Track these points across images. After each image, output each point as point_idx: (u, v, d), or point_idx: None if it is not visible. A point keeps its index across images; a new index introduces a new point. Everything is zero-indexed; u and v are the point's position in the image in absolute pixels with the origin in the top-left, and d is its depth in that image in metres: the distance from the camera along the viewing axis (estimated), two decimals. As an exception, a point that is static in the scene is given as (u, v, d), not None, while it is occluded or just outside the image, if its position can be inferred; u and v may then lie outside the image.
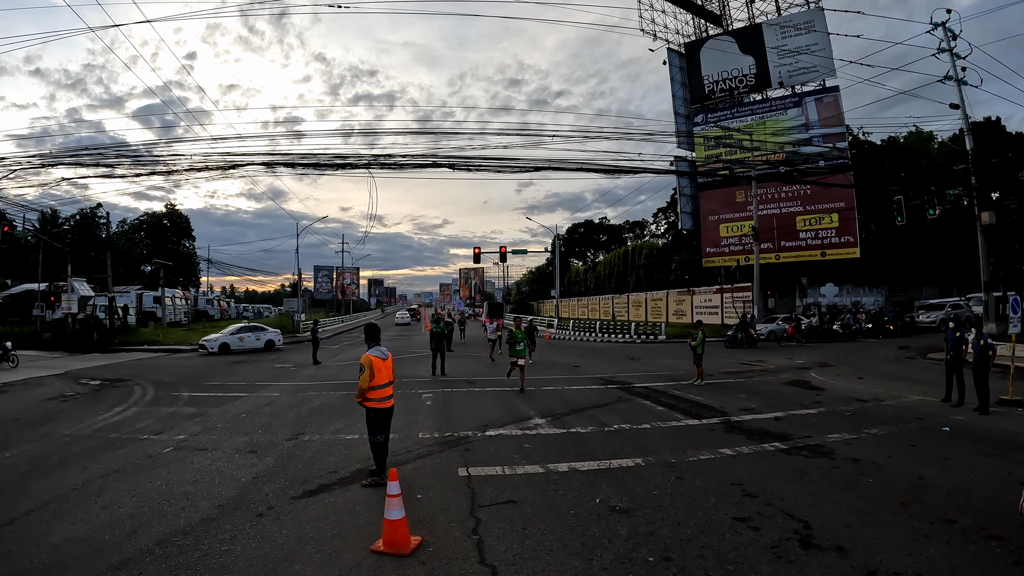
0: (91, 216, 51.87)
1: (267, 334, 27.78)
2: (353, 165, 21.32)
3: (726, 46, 37.22)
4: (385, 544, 4.50)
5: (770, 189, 35.16)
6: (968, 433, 8.47)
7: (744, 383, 14.40)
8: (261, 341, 27.25)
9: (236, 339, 26.56)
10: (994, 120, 36.91)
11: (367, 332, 6.61)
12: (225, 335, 26.87)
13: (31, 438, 9.00)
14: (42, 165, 23.18)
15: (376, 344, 6.46)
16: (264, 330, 28.16)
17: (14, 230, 30.09)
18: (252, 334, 27.33)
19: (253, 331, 27.66)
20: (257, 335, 27.43)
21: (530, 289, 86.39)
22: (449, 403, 11.78)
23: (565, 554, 4.41)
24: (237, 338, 26.63)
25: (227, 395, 13.41)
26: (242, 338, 26.74)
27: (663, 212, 61.32)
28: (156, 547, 4.64)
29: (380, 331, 6.78)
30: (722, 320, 35.45)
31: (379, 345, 6.48)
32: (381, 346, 6.50)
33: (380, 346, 6.48)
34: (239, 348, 26.30)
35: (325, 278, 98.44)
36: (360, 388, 6.22)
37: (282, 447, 8.15)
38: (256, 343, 27.07)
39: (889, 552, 4.35)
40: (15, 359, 20.35)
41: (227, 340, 26.31)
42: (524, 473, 6.66)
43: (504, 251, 42.56)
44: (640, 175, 35.32)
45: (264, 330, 28.16)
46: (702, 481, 6.23)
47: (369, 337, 6.55)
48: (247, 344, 26.67)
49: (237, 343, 26.40)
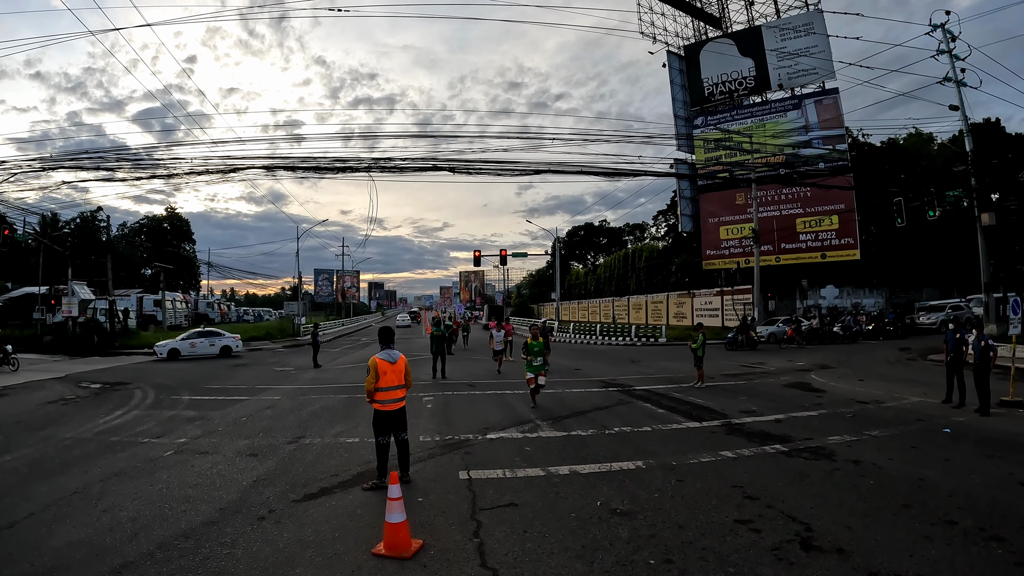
0: (91, 219, 51.97)
1: (223, 340, 26.51)
2: (353, 168, 21.35)
3: (725, 48, 37.29)
4: (386, 547, 4.50)
5: (770, 191, 35.19)
6: (969, 434, 8.47)
7: (745, 385, 14.39)
8: (216, 347, 25.99)
9: (187, 345, 25.48)
10: (994, 121, 36.97)
11: (380, 335, 6.65)
12: (175, 341, 25.82)
13: (32, 441, 9.00)
14: (43, 169, 23.22)
15: (388, 347, 6.47)
16: (220, 335, 26.86)
17: (15, 233, 30.13)
18: (206, 340, 26.18)
19: (207, 336, 26.44)
20: (211, 341, 26.23)
21: (530, 292, 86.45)
22: (450, 406, 11.78)
23: (566, 557, 4.41)
24: (188, 344, 25.54)
25: (228, 398, 13.41)
26: (193, 344, 25.62)
27: (663, 215, 61.36)
28: (157, 550, 4.64)
29: (394, 334, 6.78)
30: (722, 322, 35.45)
31: (390, 348, 6.48)
32: (393, 349, 6.49)
33: (391, 349, 6.48)
34: (190, 355, 25.28)
35: (325, 281, 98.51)
36: (367, 389, 6.28)
37: (283, 450, 8.15)
38: (210, 349, 25.86)
39: (890, 554, 4.34)
40: (15, 362, 20.37)
41: (177, 346, 25.26)
42: (525, 476, 6.66)
43: (504, 254, 42.59)
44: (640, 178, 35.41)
45: (220, 335, 26.86)
46: (703, 484, 6.23)
47: (381, 340, 6.58)
48: (199, 350, 25.58)
49: (188, 349, 25.33)
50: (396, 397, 6.33)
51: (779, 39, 35.27)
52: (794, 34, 34.86)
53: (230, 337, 26.63)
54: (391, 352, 6.41)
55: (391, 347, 6.50)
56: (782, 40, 35.14)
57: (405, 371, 6.46)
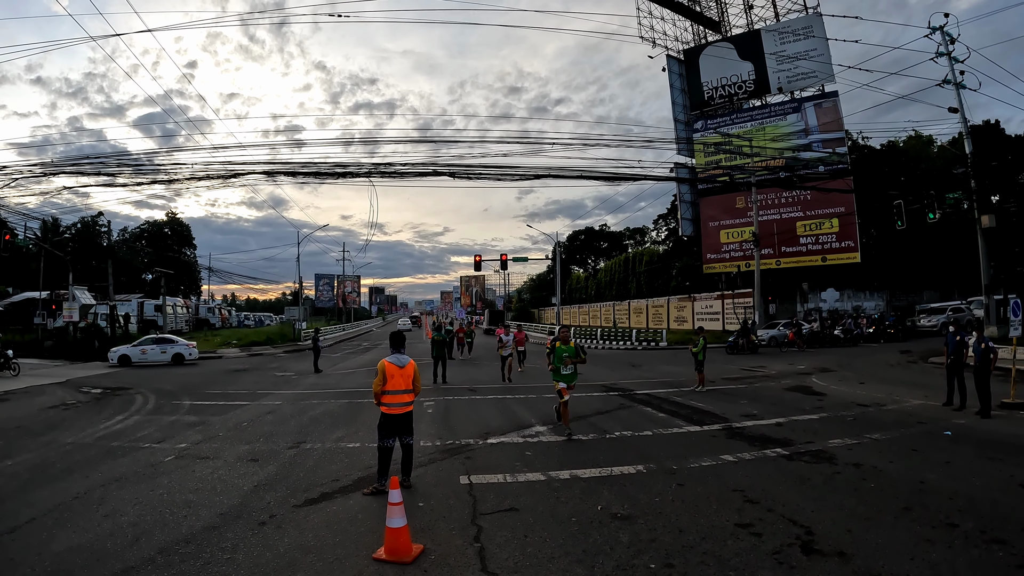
0: (92, 225, 52.06)
1: (175, 347, 25.90)
2: (354, 174, 21.39)
3: (725, 52, 37.38)
4: (387, 552, 4.50)
5: (770, 195, 35.22)
6: (970, 437, 8.47)
7: (746, 389, 14.38)
8: (168, 355, 25.45)
9: (138, 351, 25.09)
10: (993, 123, 36.98)
11: (391, 339, 6.74)
12: (126, 347, 25.54)
13: (33, 446, 9.01)
14: (44, 174, 23.26)
15: (398, 351, 6.52)
16: (173, 342, 26.35)
17: (15, 238, 30.23)
18: (157, 347, 25.61)
19: (159, 343, 25.94)
20: (163, 348, 25.67)
21: (531, 296, 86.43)
22: (450, 411, 11.78)
23: (567, 561, 4.41)
24: (139, 351, 25.15)
25: (229, 403, 13.41)
26: (144, 351, 25.21)
27: (664, 219, 61.38)
28: (158, 555, 4.64)
29: (405, 339, 6.82)
30: (723, 326, 35.44)
31: (401, 352, 6.52)
32: (403, 353, 6.53)
33: (402, 353, 6.51)
34: (141, 361, 24.79)
35: (326, 286, 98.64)
36: (374, 391, 6.34)
37: (284, 455, 8.15)
38: (161, 356, 25.30)
39: (891, 557, 4.34)
40: (16, 367, 20.39)
41: (127, 352, 24.94)
42: (526, 481, 6.66)
43: (505, 259, 42.54)
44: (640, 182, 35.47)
45: (173, 342, 26.35)
46: (704, 488, 6.22)
47: (392, 344, 6.65)
48: (150, 357, 25.08)
49: (139, 356, 24.92)
50: (403, 401, 6.35)
51: (778, 43, 35.36)
52: (793, 37, 34.95)
53: (183, 344, 26.21)
54: (400, 356, 6.45)
55: (402, 351, 6.53)
56: (781, 44, 35.23)
57: (414, 376, 6.48)
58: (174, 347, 25.76)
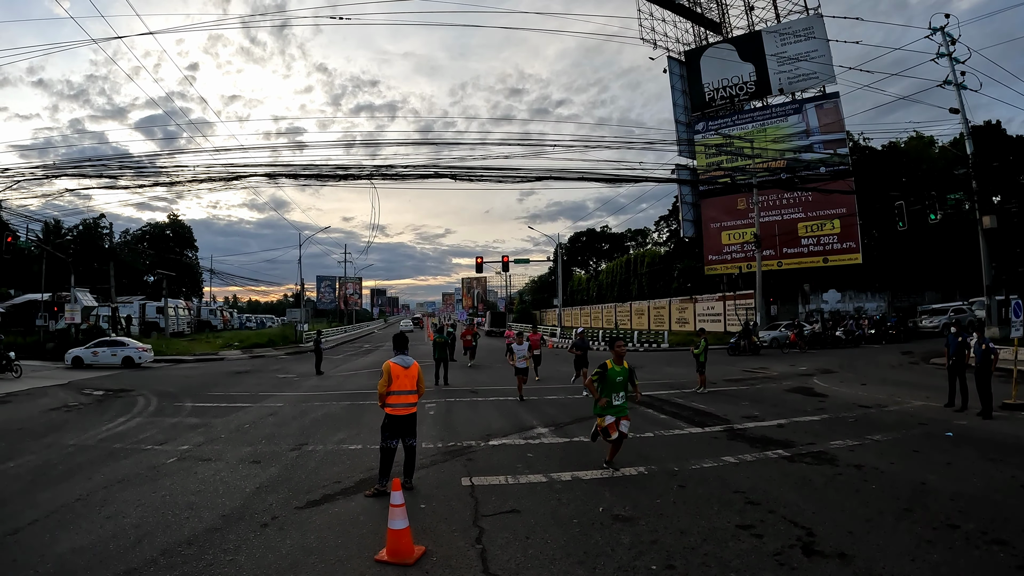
0: (94, 227, 52.19)
1: (126, 350, 25.24)
2: (355, 176, 21.46)
3: (726, 54, 37.42)
4: (389, 554, 4.51)
5: (771, 196, 35.24)
6: (971, 438, 8.46)
7: (747, 390, 14.37)
8: (118, 357, 24.90)
9: (90, 353, 24.98)
10: (994, 124, 36.96)
11: (395, 341, 6.76)
12: (80, 349, 25.47)
13: (35, 448, 9.02)
14: (45, 176, 23.38)
15: (402, 353, 6.55)
16: (124, 345, 25.66)
17: (17, 240, 30.34)
18: (108, 349, 25.20)
19: (110, 346, 25.59)
20: (113, 351, 25.14)
21: (532, 298, 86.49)
22: (452, 413, 11.79)
23: (568, 563, 4.42)
24: (91, 352, 25.06)
25: (231, 405, 13.42)
26: (96, 353, 25.07)
27: (665, 220, 61.42)
28: (160, 557, 4.65)
29: (408, 341, 6.85)
30: (725, 327, 35.43)
31: (404, 354, 6.55)
32: (407, 355, 6.56)
33: (406, 355, 6.54)
34: (92, 363, 24.58)
35: (328, 288, 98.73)
36: (378, 392, 6.35)
37: (286, 457, 8.16)
38: (112, 359, 24.84)
39: (892, 558, 4.34)
40: (18, 369, 20.41)
41: (80, 354, 24.87)
42: (527, 482, 6.66)
43: (506, 260, 42.61)
44: (642, 183, 35.49)
45: (124, 345, 25.66)
46: (705, 489, 6.23)
47: (396, 346, 6.67)
48: (101, 359, 24.79)
49: (91, 358, 24.82)
50: (408, 402, 6.38)
51: (779, 44, 35.40)
52: (794, 39, 34.99)
53: (133, 348, 25.72)
54: (405, 358, 6.48)
55: (405, 353, 6.56)
56: (782, 45, 35.27)
57: (418, 378, 6.51)
58: (124, 350, 25.36)
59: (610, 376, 6.82)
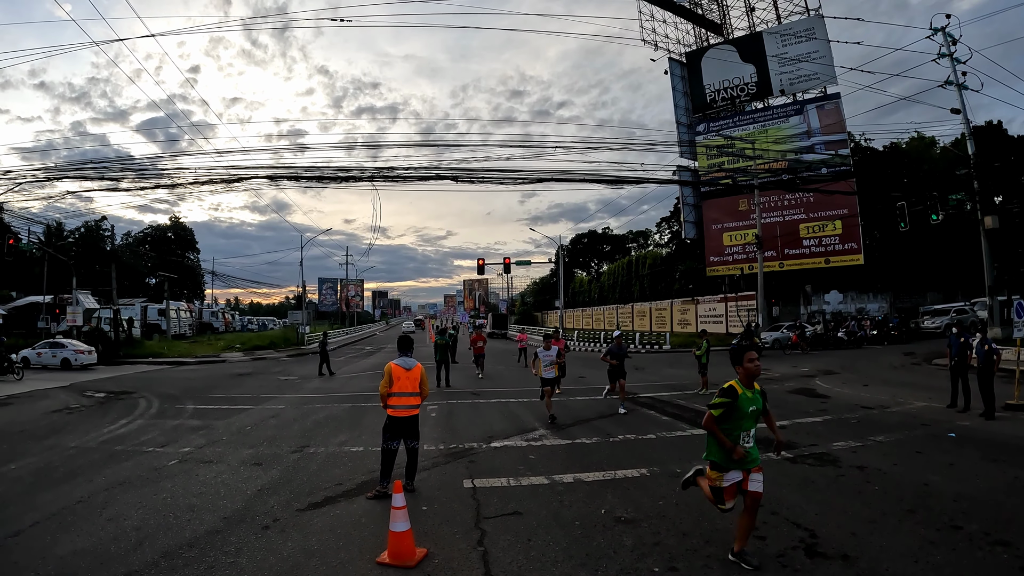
0: (96, 229, 52.33)
1: (63, 352, 25.41)
2: (357, 178, 21.46)
3: (727, 55, 37.43)
4: (390, 556, 4.50)
5: (773, 197, 35.21)
6: (974, 439, 8.44)
7: (749, 391, 14.31)
8: (57, 359, 25.16)
9: (35, 354, 25.29)
10: (996, 124, 36.98)
11: (399, 343, 6.77)
12: (28, 350, 25.65)
13: (36, 450, 9.03)
14: (47, 178, 23.44)
15: (405, 354, 6.55)
16: (63, 347, 25.76)
17: (19, 243, 30.39)
18: (50, 350, 25.48)
19: (52, 348, 25.68)
20: (54, 352, 25.39)
21: (534, 300, 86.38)
22: (454, 415, 11.78)
23: (570, 565, 4.41)
24: (35, 353, 25.39)
25: (232, 407, 13.42)
26: (40, 353, 25.37)
27: (666, 221, 61.41)
28: (162, 559, 4.65)
29: (412, 343, 6.83)
30: (727, 329, 35.39)
31: (407, 355, 6.55)
32: (410, 357, 6.56)
33: (409, 356, 6.54)
34: (37, 363, 24.86)
35: (329, 290, 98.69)
36: (380, 393, 6.36)
37: (287, 459, 8.16)
38: (52, 360, 25.15)
39: (895, 559, 4.33)
40: (20, 371, 20.46)
41: (27, 355, 24.97)
42: (529, 484, 6.65)
43: (508, 262, 42.56)
44: (643, 185, 35.48)
45: (63, 347, 25.76)
46: (707, 490, 6.20)
47: (400, 348, 6.68)
48: (44, 360, 25.15)
49: (36, 358, 25.10)
50: (409, 404, 6.37)
51: (780, 45, 35.40)
52: (795, 40, 34.99)
53: (70, 351, 25.73)
54: (407, 359, 6.47)
55: (409, 355, 6.56)
56: (783, 46, 35.27)
57: (420, 380, 6.49)
58: (63, 352, 25.47)
59: (742, 401, 4.32)
